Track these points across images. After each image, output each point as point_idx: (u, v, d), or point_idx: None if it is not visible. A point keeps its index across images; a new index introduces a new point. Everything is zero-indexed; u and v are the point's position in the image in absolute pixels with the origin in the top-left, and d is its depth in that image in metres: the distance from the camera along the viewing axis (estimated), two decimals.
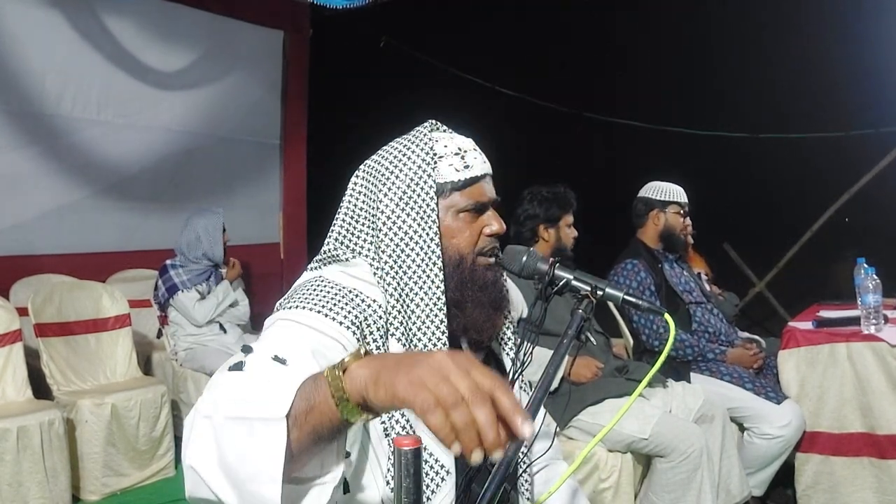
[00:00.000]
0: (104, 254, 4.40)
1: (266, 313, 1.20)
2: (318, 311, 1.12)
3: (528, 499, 1.32)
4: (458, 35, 5.42)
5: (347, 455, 0.86)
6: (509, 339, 1.35)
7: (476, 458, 0.66)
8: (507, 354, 1.35)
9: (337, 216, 1.28)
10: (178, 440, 3.53)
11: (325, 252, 1.28)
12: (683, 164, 3.67)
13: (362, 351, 0.75)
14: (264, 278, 5.03)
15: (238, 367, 0.96)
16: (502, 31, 5.36)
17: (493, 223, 1.26)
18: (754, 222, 4.80)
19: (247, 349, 1.02)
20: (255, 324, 4.14)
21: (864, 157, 4.45)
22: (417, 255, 1.18)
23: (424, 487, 1.13)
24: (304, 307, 1.13)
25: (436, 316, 1.17)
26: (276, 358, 0.98)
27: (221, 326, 3.82)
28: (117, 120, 4.42)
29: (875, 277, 2.60)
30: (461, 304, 1.22)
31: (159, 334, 4.10)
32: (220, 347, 3.69)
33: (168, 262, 3.81)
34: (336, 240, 1.27)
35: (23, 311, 3.31)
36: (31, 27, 3.96)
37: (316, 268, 1.29)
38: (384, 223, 1.20)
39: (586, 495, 1.56)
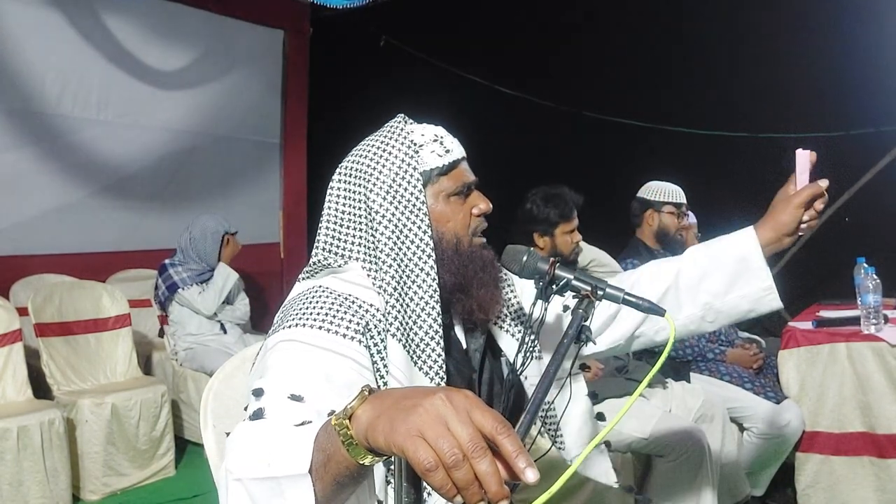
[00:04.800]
0: (104, 254, 4.40)
1: (266, 313, 1.19)
2: (320, 327, 1.10)
3: (552, 438, 1.32)
4: (458, 34, 5.41)
5: None
6: (511, 322, 1.35)
7: None
8: (511, 335, 1.34)
9: (320, 226, 1.27)
10: (178, 440, 3.54)
11: (314, 263, 1.26)
12: (683, 164, 3.67)
13: (366, 391, 0.73)
14: (264, 278, 5.03)
15: (258, 415, 0.96)
16: (502, 30, 5.36)
17: (479, 203, 1.28)
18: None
19: (258, 392, 1.00)
20: (254, 323, 4.14)
21: (864, 157, 4.45)
22: (409, 248, 1.18)
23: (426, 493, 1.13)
24: (304, 324, 1.11)
25: (432, 308, 1.17)
26: (292, 397, 0.98)
27: (222, 326, 3.82)
28: (117, 120, 4.42)
29: (875, 277, 2.60)
30: (465, 286, 1.23)
31: (160, 334, 4.10)
32: (220, 347, 3.69)
33: (167, 261, 3.81)
34: (324, 249, 1.25)
35: (23, 311, 3.31)
36: (31, 27, 3.96)
37: (307, 278, 1.27)
38: (374, 219, 1.20)
39: (586, 495, 1.56)
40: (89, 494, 3.12)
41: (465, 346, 1.30)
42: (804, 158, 1.33)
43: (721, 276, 1.35)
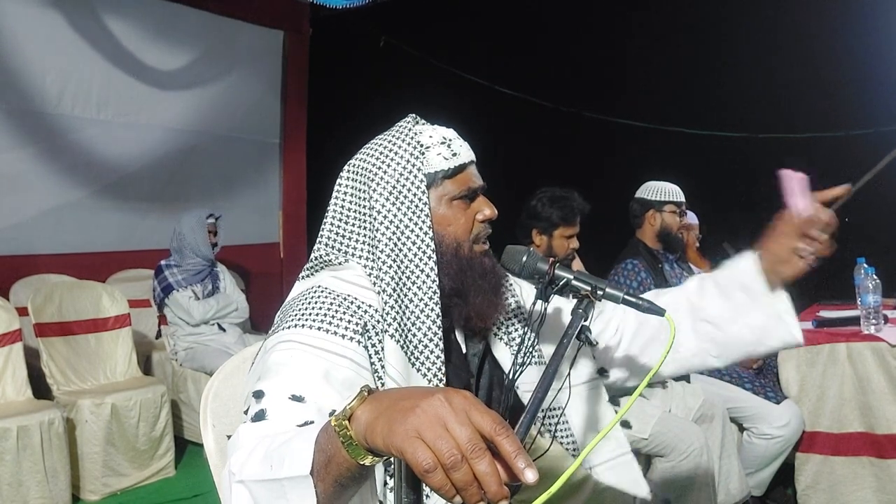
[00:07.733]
0: (104, 254, 4.40)
1: (266, 313, 1.20)
2: (318, 328, 1.12)
3: (562, 442, 1.31)
4: (457, 34, 5.42)
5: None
6: (510, 329, 1.34)
7: None
8: (507, 345, 1.33)
9: (325, 222, 1.27)
10: (178, 440, 3.54)
11: (315, 259, 1.27)
12: (683, 164, 3.67)
13: (366, 392, 0.73)
14: (264, 278, 5.03)
15: (259, 416, 0.97)
16: (502, 31, 5.36)
17: (484, 209, 1.26)
18: (754, 222, 4.79)
19: (259, 394, 1.01)
20: (254, 323, 4.14)
21: (864, 157, 4.45)
22: (410, 249, 1.18)
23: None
24: (302, 325, 1.12)
25: (431, 310, 1.17)
26: (293, 397, 0.99)
27: (221, 326, 3.82)
28: (117, 119, 4.42)
29: (875, 277, 2.60)
30: (462, 292, 1.22)
31: (159, 334, 4.10)
32: (219, 347, 3.69)
33: (162, 262, 3.82)
34: (326, 245, 1.26)
35: (23, 311, 3.31)
36: (31, 27, 3.96)
37: (307, 276, 1.28)
38: (376, 219, 1.19)
39: (586, 495, 1.55)
40: (89, 494, 3.12)
41: (464, 350, 1.29)
42: (792, 180, 1.23)
43: (724, 305, 1.30)
